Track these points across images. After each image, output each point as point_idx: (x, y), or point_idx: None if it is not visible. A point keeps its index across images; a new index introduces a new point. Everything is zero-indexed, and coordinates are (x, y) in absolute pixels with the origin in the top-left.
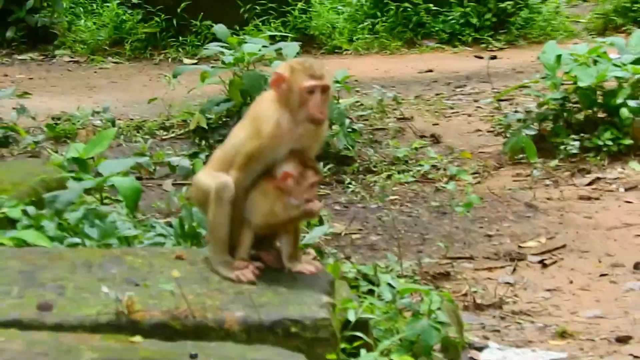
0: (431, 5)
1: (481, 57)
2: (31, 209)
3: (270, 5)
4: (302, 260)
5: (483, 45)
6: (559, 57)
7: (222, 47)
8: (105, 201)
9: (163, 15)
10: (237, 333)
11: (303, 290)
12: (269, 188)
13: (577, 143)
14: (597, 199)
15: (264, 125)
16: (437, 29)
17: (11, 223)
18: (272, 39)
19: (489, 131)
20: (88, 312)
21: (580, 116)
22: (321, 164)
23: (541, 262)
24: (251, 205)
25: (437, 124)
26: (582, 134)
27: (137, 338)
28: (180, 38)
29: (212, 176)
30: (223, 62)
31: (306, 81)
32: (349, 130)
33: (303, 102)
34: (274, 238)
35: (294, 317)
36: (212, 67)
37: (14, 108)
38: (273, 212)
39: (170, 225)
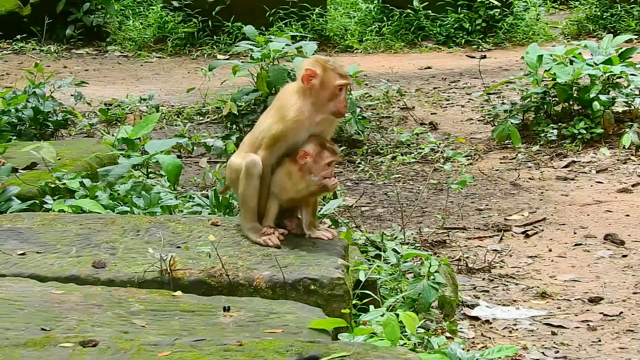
0: (430, 11)
1: (473, 57)
2: (87, 181)
3: (291, 9)
4: (319, 228)
5: (474, 47)
6: (540, 57)
7: (251, 44)
8: (150, 175)
9: (200, 17)
10: (264, 289)
11: (321, 254)
12: (292, 169)
13: (555, 131)
14: (572, 179)
15: (288, 112)
16: (434, 32)
17: (70, 193)
18: (293, 38)
19: (479, 120)
20: (136, 270)
21: (558, 108)
22: (337, 148)
23: (524, 232)
24: (277, 183)
25: (434, 114)
26: (559, 124)
27: (178, 293)
28: (215, 37)
29: (242, 157)
30: (252, 58)
31: (338, 80)
32: (359, 117)
33: (332, 97)
34: (296, 209)
35: (313, 276)
36: (242, 62)
37: (72, 95)
38: (296, 189)
39: (206, 196)
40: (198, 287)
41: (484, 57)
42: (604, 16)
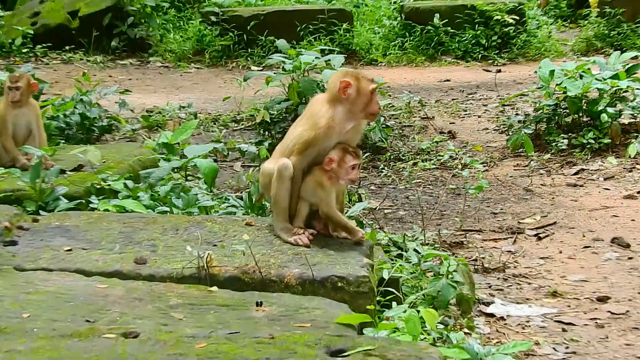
0: (449, 28)
1: (489, 71)
2: (130, 183)
3: (320, 25)
4: None
5: (490, 61)
6: (552, 72)
7: (283, 57)
8: (189, 178)
9: (236, 32)
10: (294, 286)
11: (348, 253)
12: (323, 179)
13: (565, 141)
14: (581, 186)
15: (320, 120)
16: (453, 47)
17: (114, 193)
18: (322, 52)
19: (495, 129)
20: (175, 266)
21: (569, 119)
22: (360, 152)
23: (536, 235)
24: (310, 191)
25: (453, 123)
26: (570, 134)
27: (214, 288)
28: (249, 50)
29: (274, 162)
30: (284, 69)
31: (370, 85)
32: (383, 126)
33: (369, 101)
34: None
35: (341, 274)
36: (275, 73)
37: (116, 102)
38: (329, 197)
39: (240, 198)
40: (233, 283)
41: (499, 71)
42: (611, 34)
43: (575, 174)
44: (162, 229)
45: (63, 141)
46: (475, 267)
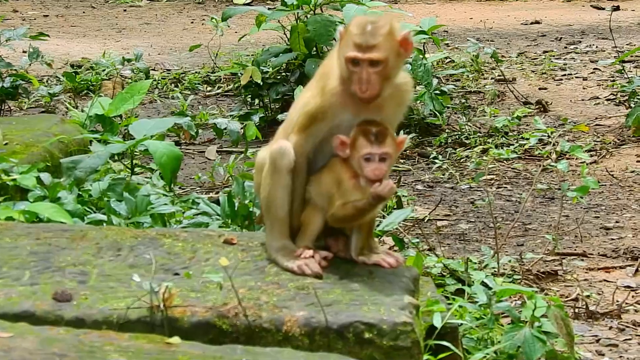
0: None
1: (601, 8)
2: (46, 177)
3: None
4: (377, 251)
5: None
6: None
7: None
8: (136, 170)
9: None
10: (297, 337)
11: (380, 288)
12: (344, 175)
13: None
14: None
15: (330, 81)
16: None
17: (22, 193)
18: None
19: (608, 99)
20: (115, 305)
21: None
22: (389, 135)
23: None
24: (325, 194)
25: (544, 89)
26: None
27: (175, 339)
28: None
29: (269, 146)
30: (284, 4)
31: (350, 50)
32: (437, 92)
33: (349, 74)
34: None
35: (369, 320)
36: (270, 9)
37: (24, 51)
38: (348, 203)
39: (216, 202)
40: (204, 331)
41: (617, 8)
42: None
43: None
44: (95, 249)
45: None
46: (576, 310)
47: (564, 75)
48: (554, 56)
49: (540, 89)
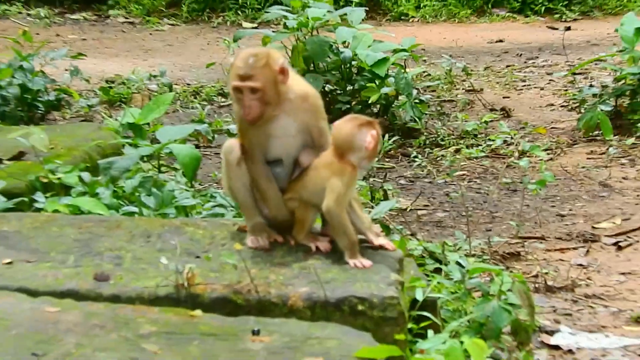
0: None
1: (555, 28)
2: (86, 175)
3: None
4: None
5: (556, 16)
6: (638, 29)
7: (284, 10)
8: (162, 169)
9: None
10: (301, 309)
11: (370, 267)
12: (345, 167)
13: None
14: None
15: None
16: None
17: (66, 189)
18: (336, 3)
19: (562, 106)
20: (146, 284)
21: None
22: (386, 138)
23: (616, 244)
24: (316, 184)
25: (507, 97)
26: None
27: (197, 312)
28: (240, 0)
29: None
30: (285, 27)
31: (233, 80)
32: (416, 101)
33: (237, 100)
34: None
35: (361, 294)
36: (274, 32)
37: (66, 70)
38: (341, 189)
39: None
40: (221, 305)
41: (569, 28)
42: None
43: None
44: (129, 236)
45: None
46: (537, 285)
47: (524, 85)
48: (515, 69)
49: (504, 97)
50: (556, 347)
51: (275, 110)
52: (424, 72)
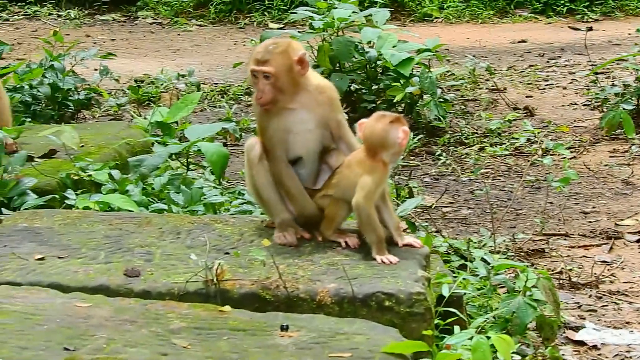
0: None
1: (577, 29)
2: (116, 173)
3: None
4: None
5: (578, 17)
6: None
7: (310, 11)
8: (191, 167)
9: None
10: (329, 305)
11: (398, 264)
12: (376, 165)
13: None
14: None
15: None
16: None
17: (96, 186)
18: (361, 4)
19: (584, 105)
20: (176, 280)
21: None
22: (411, 134)
23: (639, 241)
24: (350, 181)
25: (530, 97)
26: None
27: (227, 307)
28: (267, 1)
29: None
30: (311, 27)
31: (251, 64)
32: (440, 100)
33: (253, 84)
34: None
35: (388, 290)
36: (300, 32)
37: (96, 69)
38: (371, 186)
39: None
40: (250, 301)
41: (591, 29)
42: None
43: None
44: (158, 232)
45: (29, 119)
46: (561, 281)
47: (547, 85)
48: (538, 69)
49: (527, 96)
50: (581, 343)
51: (293, 103)
52: (447, 71)
